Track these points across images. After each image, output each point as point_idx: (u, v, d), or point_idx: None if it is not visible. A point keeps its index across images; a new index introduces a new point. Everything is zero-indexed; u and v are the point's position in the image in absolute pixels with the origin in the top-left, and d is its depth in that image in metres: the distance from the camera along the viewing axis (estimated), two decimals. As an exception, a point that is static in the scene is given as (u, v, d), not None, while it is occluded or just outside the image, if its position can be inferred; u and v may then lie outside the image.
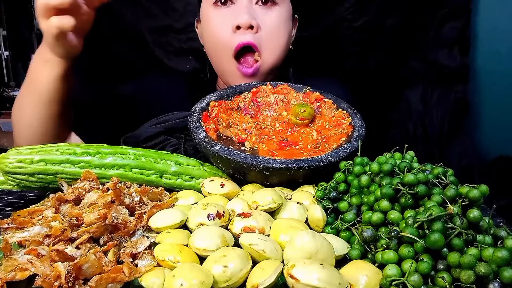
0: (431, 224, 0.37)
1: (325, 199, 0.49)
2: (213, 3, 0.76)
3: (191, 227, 0.45)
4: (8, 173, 0.53)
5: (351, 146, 0.57)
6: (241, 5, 0.74)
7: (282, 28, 0.76)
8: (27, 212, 0.45)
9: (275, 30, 0.75)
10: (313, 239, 0.38)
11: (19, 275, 0.36)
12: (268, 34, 0.75)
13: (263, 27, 0.74)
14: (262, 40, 0.74)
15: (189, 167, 0.58)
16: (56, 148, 0.55)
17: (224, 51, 0.75)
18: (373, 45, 1.10)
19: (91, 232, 0.41)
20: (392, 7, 1.06)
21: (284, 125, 0.69)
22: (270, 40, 0.75)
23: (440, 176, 0.44)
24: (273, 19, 0.75)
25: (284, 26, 0.77)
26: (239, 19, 0.72)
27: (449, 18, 1.05)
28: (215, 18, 0.76)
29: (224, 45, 0.75)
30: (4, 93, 1.85)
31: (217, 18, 0.75)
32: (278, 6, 0.76)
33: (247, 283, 0.37)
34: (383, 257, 0.39)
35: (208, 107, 0.65)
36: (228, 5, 0.75)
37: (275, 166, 0.52)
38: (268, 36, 0.75)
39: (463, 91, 1.07)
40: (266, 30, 0.74)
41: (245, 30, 0.73)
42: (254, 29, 0.73)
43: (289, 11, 0.79)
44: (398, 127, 1.11)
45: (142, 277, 0.37)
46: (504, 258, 0.34)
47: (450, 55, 1.07)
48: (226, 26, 0.74)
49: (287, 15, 0.78)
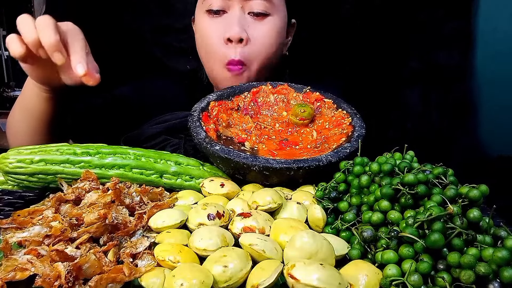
0: (431, 224, 0.37)
1: (325, 199, 0.49)
2: (206, 10, 0.75)
3: (191, 227, 0.45)
4: (8, 173, 0.53)
5: (351, 146, 0.57)
6: (233, 15, 0.73)
7: (273, 39, 0.75)
8: (27, 212, 0.45)
9: (265, 43, 0.75)
10: (313, 239, 0.38)
11: (19, 275, 0.36)
12: (257, 48, 0.74)
13: (252, 39, 0.73)
14: (250, 53, 0.73)
15: (189, 167, 0.58)
16: (56, 148, 0.55)
17: (215, 61, 0.75)
18: (373, 45, 1.10)
19: (91, 232, 0.41)
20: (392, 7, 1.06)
21: (284, 125, 0.69)
22: (258, 53, 0.74)
23: (440, 176, 0.44)
24: (263, 32, 0.74)
25: (276, 37, 0.76)
26: (230, 32, 0.72)
27: (449, 18, 1.05)
28: (207, 27, 0.75)
29: (215, 56, 0.75)
30: (4, 93, 1.85)
31: (210, 28, 0.75)
32: (271, 17, 0.75)
33: (247, 283, 0.37)
34: (383, 257, 0.39)
35: (208, 107, 0.65)
36: (221, 15, 0.74)
37: (275, 166, 0.52)
38: (257, 49, 0.74)
39: (463, 91, 1.07)
40: (255, 43, 0.74)
41: (236, 43, 0.72)
42: (244, 42, 0.72)
43: (284, 19, 0.78)
44: (398, 127, 1.11)
45: (142, 277, 0.37)
46: (504, 258, 0.34)
47: (450, 55, 1.07)
48: (218, 37, 0.74)
49: (281, 24, 0.77)
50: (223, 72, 0.75)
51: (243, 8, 0.74)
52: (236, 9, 0.73)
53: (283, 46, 0.82)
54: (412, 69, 1.11)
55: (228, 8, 0.74)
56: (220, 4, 0.73)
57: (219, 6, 0.74)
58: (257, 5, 0.73)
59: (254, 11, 0.74)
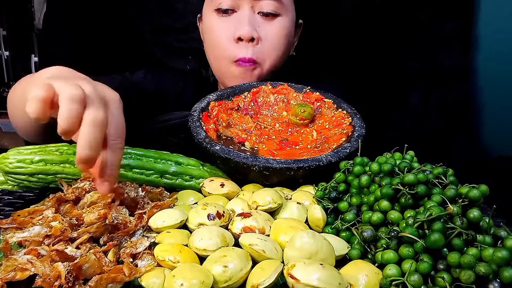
0: (431, 224, 0.37)
1: (325, 199, 0.49)
2: (215, 9, 0.75)
3: (191, 227, 0.45)
4: (8, 173, 0.53)
5: (351, 146, 0.57)
6: (243, 14, 0.73)
7: (283, 38, 0.76)
8: (27, 212, 0.45)
9: (275, 43, 0.75)
10: (313, 239, 0.38)
11: (19, 275, 0.36)
12: (268, 47, 0.74)
13: (263, 39, 0.73)
14: (262, 53, 0.74)
15: (189, 167, 0.58)
16: (56, 148, 0.55)
17: (224, 59, 0.75)
18: (373, 45, 1.10)
19: (91, 232, 0.41)
20: (392, 7, 1.06)
21: (284, 125, 0.69)
22: (269, 53, 0.74)
23: (440, 176, 0.44)
24: (274, 31, 0.74)
25: (286, 36, 0.76)
26: (241, 31, 0.71)
27: (449, 18, 1.05)
28: (217, 27, 0.75)
29: (224, 54, 0.74)
30: (4, 93, 1.85)
31: (219, 27, 0.75)
32: (280, 17, 0.75)
33: (247, 283, 0.37)
34: (383, 257, 0.39)
35: (208, 107, 0.65)
36: (230, 14, 0.74)
37: (275, 166, 0.52)
38: (268, 49, 0.74)
39: (463, 91, 1.07)
40: (267, 42, 0.74)
41: (246, 42, 0.72)
42: (255, 41, 0.72)
43: (292, 20, 0.78)
44: (398, 127, 1.11)
45: (142, 277, 0.37)
46: (504, 258, 0.34)
47: (450, 55, 1.07)
48: (228, 36, 0.73)
49: (290, 24, 0.77)
50: (231, 69, 0.75)
51: (253, 8, 0.74)
52: (246, 8, 0.73)
53: (292, 46, 0.82)
54: (412, 69, 1.11)
55: (238, 8, 0.74)
56: (230, 3, 0.73)
57: (228, 5, 0.73)
58: (267, 5, 0.73)
59: (264, 11, 0.73)
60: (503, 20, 1.04)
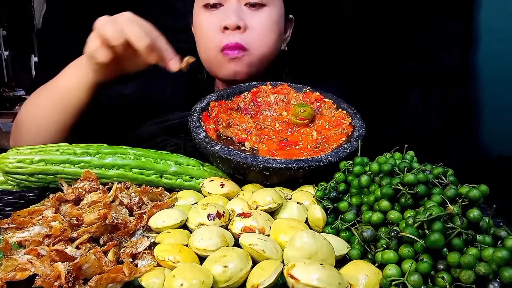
0: (431, 224, 0.37)
1: (325, 199, 0.49)
2: (203, 5, 0.76)
3: (191, 227, 0.45)
4: (8, 173, 0.53)
5: (351, 146, 0.57)
6: (229, 6, 0.75)
7: (270, 28, 0.77)
8: (27, 212, 0.45)
9: (263, 31, 0.76)
10: (313, 239, 0.38)
11: (19, 275, 0.36)
12: (256, 35, 0.75)
13: (251, 28, 0.75)
14: (250, 40, 0.74)
15: (189, 167, 0.58)
16: (56, 148, 0.55)
17: (211, 49, 0.76)
18: (373, 45, 1.10)
19: (91, 232, 0.41)
20: (392, 7, 1.06)
21: (284, 125, 0.69)
22: (258, 40, 0.75)
23: (440, 176, 0.44)
24: (261, 21, 0.76)
25: (273, 26, 0.77)
26: (227, 20, 0.73)
27: (449, 18, 1.05)
28: (205, 21, 0.77)
29: (212, 45, 0.75)
30: (4, 93, 1.85)
31: (207, 21, 0.76)
32: (267, 7, 0.76)
33: (247, 283, 0.37)
34: (383, 257, 0.39)
35: (208, 107, 0.65)
36: (218, 8, 0.76)
37: (275, 166, 0.52)
38: (256, 36, 0.75)
39: (463, 91, 1.07)
40: (254, 31, 0.75)
41: (233, 30, 0.73)
42: (242, 29, 0.73)
43: (280, 11, 0.79)
44: (398, 127, 1.11)
45: (142, 277, 0.37)
46: (504, 258, 0.34)
47: (450, 55, 1.07)
48: (215, 27, 0.75)
49: (278, 15, 0.78)
50: (218, 58, 0.75)
51: (240, 0, 0.75)
52: (233, 1, 0.75)
53: (282, 40, 0.82)
54: (412, 69, 1.11)
55: (225, 1, 0.75)
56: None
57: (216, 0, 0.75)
58: None
59: (250, 1, 0.75)
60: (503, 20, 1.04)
